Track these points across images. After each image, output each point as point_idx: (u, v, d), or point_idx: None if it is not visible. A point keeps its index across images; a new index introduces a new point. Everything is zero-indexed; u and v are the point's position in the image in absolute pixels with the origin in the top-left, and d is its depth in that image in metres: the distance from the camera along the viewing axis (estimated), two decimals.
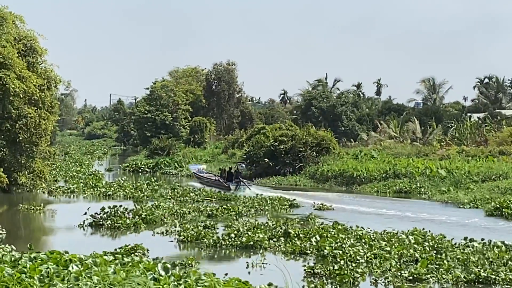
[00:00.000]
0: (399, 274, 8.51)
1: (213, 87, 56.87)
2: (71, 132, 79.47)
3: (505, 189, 20.37)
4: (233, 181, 26.83)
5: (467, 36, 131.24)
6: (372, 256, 9.68)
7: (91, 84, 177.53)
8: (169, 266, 6.71)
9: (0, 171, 17.24)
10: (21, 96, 19.50)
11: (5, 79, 18.54)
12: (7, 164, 19.01)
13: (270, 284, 5.44)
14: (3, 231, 12.15)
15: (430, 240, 11.33)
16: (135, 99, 64.55)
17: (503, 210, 16.47)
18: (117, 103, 75.73)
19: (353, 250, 10.04)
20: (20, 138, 20.26)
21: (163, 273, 5.89)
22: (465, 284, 8.26)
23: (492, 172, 24.30)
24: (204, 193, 21.57)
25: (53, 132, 31.40)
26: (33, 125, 20.70)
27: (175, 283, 5.13)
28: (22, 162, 20.73)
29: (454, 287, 8.19)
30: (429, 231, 12.38)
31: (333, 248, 10.19)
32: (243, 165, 33.62)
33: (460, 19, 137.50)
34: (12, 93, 18.90)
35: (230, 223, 13.90)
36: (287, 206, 18.89)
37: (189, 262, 8.07)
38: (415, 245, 10.77)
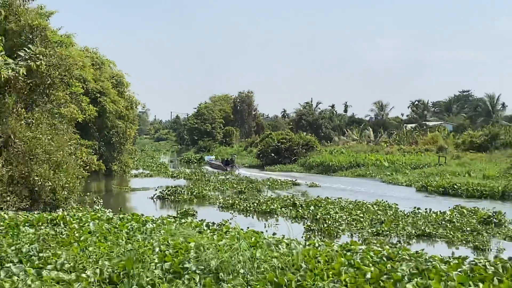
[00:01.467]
0: (369, 231, 8.18)
1: (238, 107, 57.37)
2: (145, 137, 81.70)
3: (428, 174, 20.29)
4: (229, 166, 28.25)
5: (403, 72, 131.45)
6: (351, 219, 9.31)
7: (158, 104, 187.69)
8: (210, 224, 6.80)
9: (101, 162, 17.57)
10: (114, 113, 19.86)
11: (104, 103, 18.93)
12: (105, 158, 19.38)
13: (283, 236, 5.27)
14: (100, 200, 12.28)
15: (388, 209, 10.90)
16: (187, 115, 66.15)
17: (428, 187, 16.46)
18: (176, 118, 77.17)
19: (337, 215, 9.69)
20: (113, 141, 20.55)
21: (205, 228, 6.20)
22: (415, 238, 7.99)
23: (420, 162, 24.22)
24: (237, 178, 21.12)
25: (134, 137, 31.99)
26: (121, 132, 21.04)
27: (212, 233, 5.31)
28: (115, 156, 21.07)
29: (408, 239, 7.84)
30: (386, 201, 11.91)
31: (323, 214, 9.82)
32: (235, 156, 34.98)
33: (398, 61, 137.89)
34: (108, 112, 19.28)
35: (254, 197, 13.59)
36: (291, 184, 18.43)
37: (224, 222, 7.94)
38: (379, 211, 10.37)
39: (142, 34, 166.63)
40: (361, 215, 9.79)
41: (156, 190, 14.35)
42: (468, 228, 8.39)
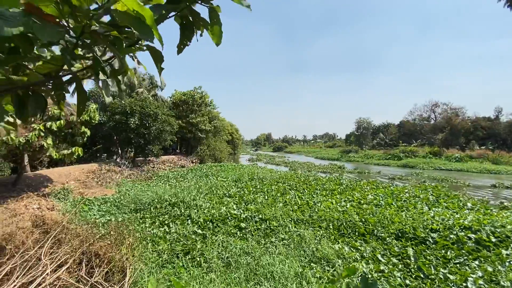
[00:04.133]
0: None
1: None
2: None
3: None
4: None
5: None
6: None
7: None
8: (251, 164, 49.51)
9: (233, 151, 35.65)
10: (235, 136, 37.04)
11: (233, 134, 37.81)
12: (233, 149, 35.33)
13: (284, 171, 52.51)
14: (232, 161, 42.01)
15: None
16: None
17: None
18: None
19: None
20: (235, 144, 38.77)
21: (247, 163, 50.53)
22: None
23: None
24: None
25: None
26: (232, 146, 36.70)
27: (262, 169, 51.30)
28: (235, 150, 37.35)
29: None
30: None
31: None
32: None
33: None
34: (234, 137, 37.43)
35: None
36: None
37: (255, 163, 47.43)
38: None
39: None
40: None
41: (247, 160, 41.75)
42: None
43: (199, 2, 1.17)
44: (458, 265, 4.91)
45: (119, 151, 23.98)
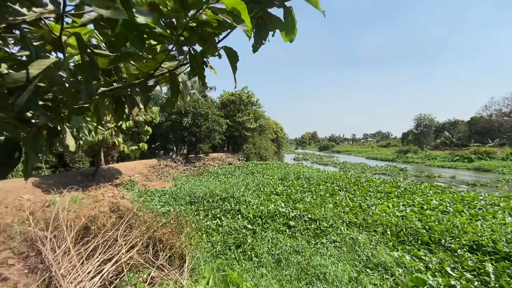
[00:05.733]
0: None
1: None
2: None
3: None
4: None
5: None
6: None
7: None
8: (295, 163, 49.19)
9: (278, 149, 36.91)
10: (279, 135, 39.59)
11: (278, 132, 39.19)
12: (278, 148, 37.32)
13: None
14: (277, 159, 42.31)
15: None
16: None
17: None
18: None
19: None
20: (279, 142, 44.79)
21: (292, 162, 49.96)
22: None
23: None
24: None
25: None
26: (277, 144, 39.39)
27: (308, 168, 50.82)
28: (280, 148, 40.67)
29: None
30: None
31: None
32: None
33: None
34: (279, 135, 39.12)
35: None
36: None
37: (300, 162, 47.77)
38: None
39: None
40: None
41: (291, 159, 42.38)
42: None
43: (277, 5, 1.21)
44: None
45: (174, 148, 26.09)
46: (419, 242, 5.58)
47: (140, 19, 0.82)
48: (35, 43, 1.23)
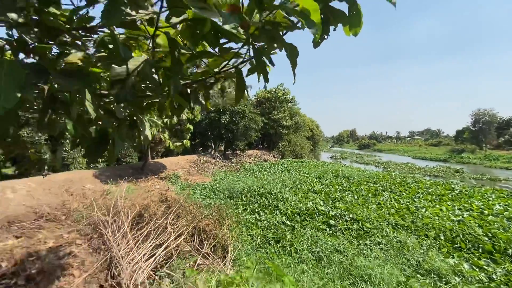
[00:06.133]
0: None
1: None
2: None
3: None
4: None
5: None
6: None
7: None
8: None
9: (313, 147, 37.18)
10: (316, 132, 40.08)
11: (314, 130, 39.76)
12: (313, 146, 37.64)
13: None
14: (312, 157, 41.45)
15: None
16: None
17: None
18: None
19: None
20: (314, 140, 44.87)
21: (329, 160, 48.52)
22: None
23: None
24: None
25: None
26: (312, 142, 41.65)
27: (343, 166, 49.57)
28: (315, 146, 42.56)
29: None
30: None
31: None
32: None
33: None
34: (314, 133, 39.90)
35: None
36: None
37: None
38: None
39: None
40: None
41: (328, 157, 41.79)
42: None
43: None
44: None
45: (212, 145, 27.13)
46: (480, 250, 5.03)
47: (227, 26, 0.90)
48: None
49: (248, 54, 1.39)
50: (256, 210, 7.92)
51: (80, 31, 1.32)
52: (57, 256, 5.24)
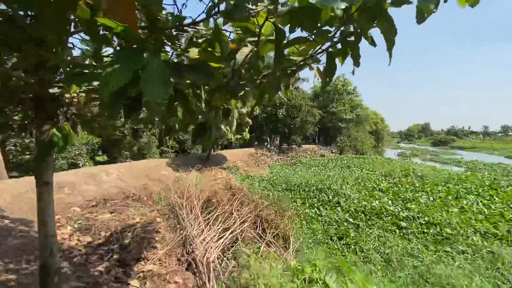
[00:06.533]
0: None
1: None
2: None
3: None
4: None
5: None
6: None
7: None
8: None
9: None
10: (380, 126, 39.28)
11: (378, 123, 39.10)
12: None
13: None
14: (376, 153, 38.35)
15: None
16: None
17: None
18: None
19: None
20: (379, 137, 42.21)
21: (396, 157, 44.44)
22: None
23: None
24: None
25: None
26: (376, 137, 42.12)
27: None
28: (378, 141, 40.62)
29: None
30: None
31: None
32: None
33: None
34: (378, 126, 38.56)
35: None
36: None
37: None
38: None
39: None
40: None
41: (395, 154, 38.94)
42: None
43: None
44: None
45: (268, 138, 27.57)
46: None
47: (339, 4, 0.91)
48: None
49: (339, 37, 1.36)
50: (316, 205, 7.79)
51: (176, 29, 1.50)
52: (143, 230, 6.14)
